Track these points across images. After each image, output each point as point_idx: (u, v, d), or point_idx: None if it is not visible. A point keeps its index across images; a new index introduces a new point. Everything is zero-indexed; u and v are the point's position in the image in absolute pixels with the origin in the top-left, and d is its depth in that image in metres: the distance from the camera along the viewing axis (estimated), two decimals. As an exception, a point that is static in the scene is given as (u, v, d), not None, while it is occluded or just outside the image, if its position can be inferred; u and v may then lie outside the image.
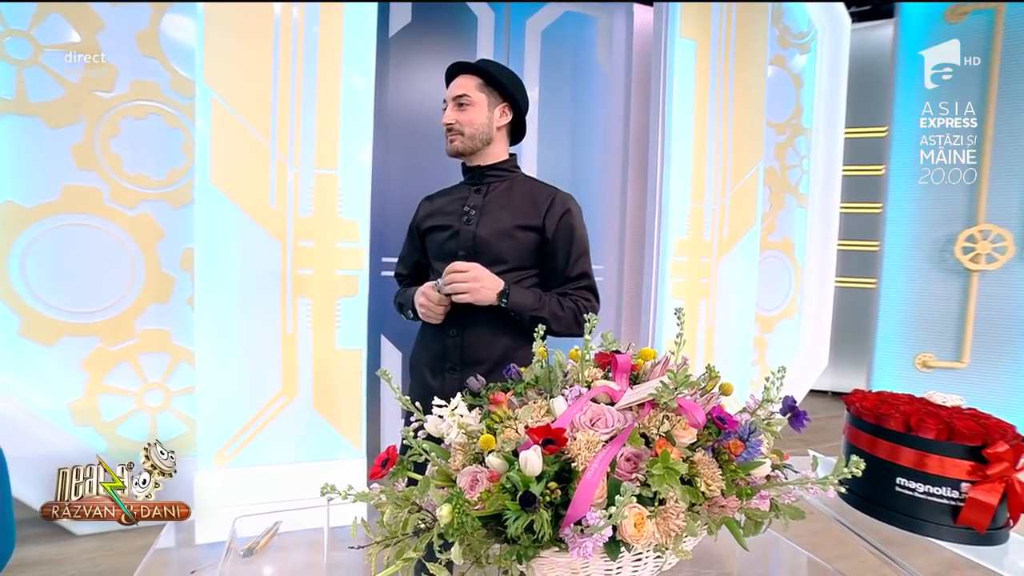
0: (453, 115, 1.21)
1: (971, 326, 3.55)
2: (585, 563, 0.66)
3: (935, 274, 3.63)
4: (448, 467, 0.71)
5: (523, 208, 1.20)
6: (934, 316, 3.65)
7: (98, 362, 2.10)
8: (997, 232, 3.47)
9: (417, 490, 0.61)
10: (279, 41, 1.95)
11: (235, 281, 1.95)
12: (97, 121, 2.04)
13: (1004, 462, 0.88)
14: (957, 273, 3.58)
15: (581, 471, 0.62)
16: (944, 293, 3.62)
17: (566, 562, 0.65)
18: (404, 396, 0.80)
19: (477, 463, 0.70)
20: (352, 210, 2.09)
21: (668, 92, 2.61)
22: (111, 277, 2.10)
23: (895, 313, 3.75)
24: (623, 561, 0.68)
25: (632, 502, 0.60)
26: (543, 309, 1.14)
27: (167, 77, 2.10)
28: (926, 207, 3.66)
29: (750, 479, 0.71)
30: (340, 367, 2.10)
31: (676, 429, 0.70)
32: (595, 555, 0.59)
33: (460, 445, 0.72)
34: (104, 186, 2.06)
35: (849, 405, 1.11)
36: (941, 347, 3.64)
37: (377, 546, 0.63)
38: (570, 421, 0.70)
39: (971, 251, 3.51)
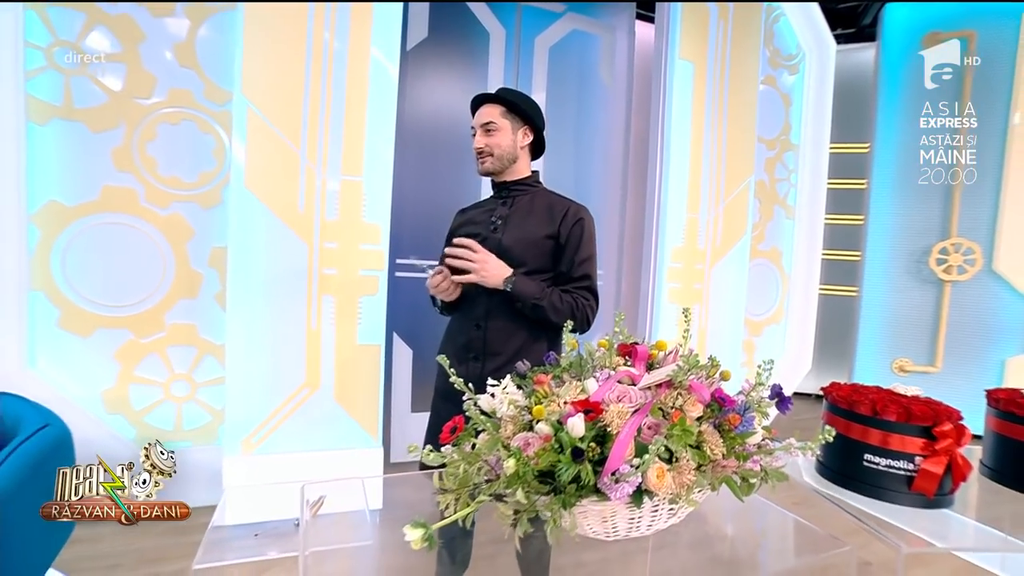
0: (483, 140, 1.36)
1: (944, 333, 3.79)
2: (614, 510, 0.82)
3: (912, 284, 3.87)
4: (500, 435, 0.86)
5: (543, 218, 1.36)
6: (910, 323, 3.88)
7: (129, 353, 2.22)
8: (968, 245, 3.71)
9: (484, 448, 0.76)
10: (311, 56, 2.10)
11: (264, 279, 2.08)
12: (136, 126, 2.17)
13: (948, 439, 1.06)
14: (931, 283, 3.82)
15: (615, 434, 0.78)
16: (920, 302, 3.86)
17: (599, 509, 0.81)
18: (458, 379, 0.96)
19: (525, 431, 0.85)
20: (374, 214, 2.23)
21: (668, 110, 2.80)
22: (143, 273, 2.22)
23: (875, 320, 3.98)
24: (644, 511, 0.84)
25: (655, 459, 0.76)
26: (544, 299, 1.28)
27: (201, 86, 2.23)
28: (904, 220, 3.90)
29: (745, 446, 0.87)
30: (360, 361, 2.24)
31: (687, 405, 0.86)
32: (625, 500, 0.75)
33: (510, 417, 0.88)
34: (140, 187, 2.19)
35: (827, 395, 1.29)
36: (917, 352, 3.87)
37: (448, 495, 0.78)
38: (602, 397, 0.86)
39: (944, 263, 3.75)
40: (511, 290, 1.27)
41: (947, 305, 3.78)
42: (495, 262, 1.27)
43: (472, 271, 1.26)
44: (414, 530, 0.68)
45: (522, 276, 1.29)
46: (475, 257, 1.26)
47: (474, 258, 1.26)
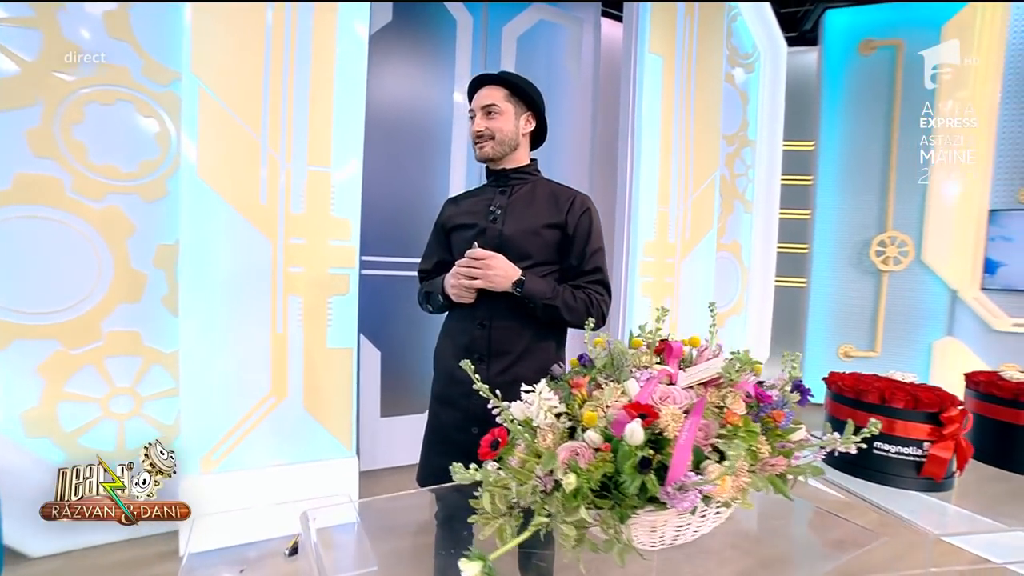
0: (483, 123, 1.27)
1: (882, 320, 4.09)
2: (665, 520, 0.77)
3: (854, 274, 4.15)
4: (538, 445, 0.79)
5: (547, 208, 1.29)
6: (853, 311, 4.16)
7: (57, 367, 1.94)
8: (902, 238, 4.02)
9: (542, 463, 0.69)
10: (271, 30, 1.90)
11: (223, 279, 1.88)
12: (57, 105, 1.88)
13: (955, 424, 1.10)
14: (871, 273, 4.11)
15: (672, 439, 0.72)
16: (861, 291, 4.15)
17: (651, 520, 0.76)
18: (483, 385, 0.87)
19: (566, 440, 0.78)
20: (344, 208, 2.07)
21: (638, 103, 2.81)
22: (73, 275, 1.94)
23: (822, 309, 4.23)
24: (693, 517, 0.79)
25: (714, 463, 0.72)
26: (556, 299, 1.21)
27: (139, 62, 1.98)
28: (846, 214, 4.16)
29: (786, 443, 0.85)
30: (331, 366, 2.08)
31: (734, 403, 0.82)
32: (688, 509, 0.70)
33: (548, 426, 0.80)
34: (65, 176, 1.91)
35: (830, 384, 1.31)
36: (859, 339, 4.15)
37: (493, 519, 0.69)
38: (646, 399, 0.80)
39: (882, 254, 4.04)
40: (520, 293, 1.19)
41: (885, 294, 4.08)
42: (502, 266, 1.19)
43: (479, 277, 1.18)
44: (471, 564, 0.59)
45: (531, 276, 1.21)
46: (480, 264, 1.18)
47: (479, 264, 1.18)
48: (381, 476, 2.71)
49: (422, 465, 1.34)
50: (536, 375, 1.27)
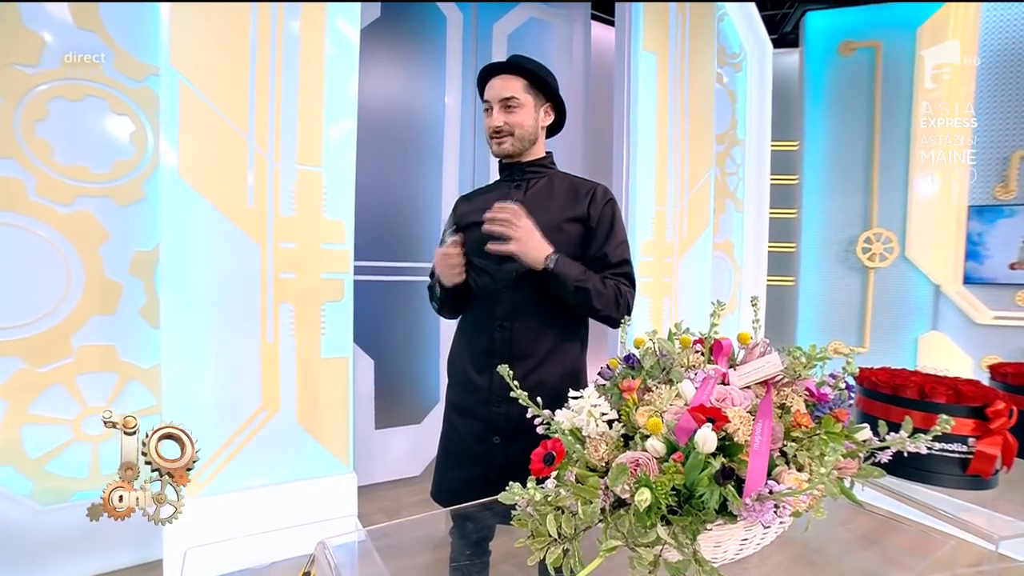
0: (502, 117, 1.19)
1: (870, 315, 4.14)
2: (732, 533, 0.70)
3: (841, 271, 4.19)
4: (591, 457, 0.71)
5: (567, 201, 1.21)
6: (841, 308, 4.20)
7: (21, 387, 1.77)
8: (886, 235, 4.08)
9: (610, 479, 0.60)
10: (256, 23, 1.79)
11: (208, 287, 1.75)
12: (17, 100, 1.73)
13: (1002, 418, 1.05)
14: (858, 270, 4.16)
15: (743, 444, 0.65)
16: (848, 288, 4.19)
17: (718, 534, 0.68)
18: (522, 393, 0.79)
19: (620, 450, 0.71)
20: (337, 209, 1.96)
21: (633, 101, 2.77)
22: (39, 286, 1.78)
23: (811, 307, 4.27)
24: (756, 528, 0.72)
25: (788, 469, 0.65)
26: (587, 281, 1.11)
27: (110, 55, 1.84)
28: (832, 212, 4.22)
29: (854, 443, 0.78)
30: (326, 377, 1.96)
31: (795, 403, 0.76)
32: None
33: (600, 435, 0.72)
34: (28, 177, 1.75)
35: (861, 380, 1.26)
36: (848, 335, 4.19)
37: (555, 545, 0.61)
38: (705, 401, 0.73)
39: (868, 251, 4.09)
40: (552, 268, 1.09)
41: (872, 290, 4.13)
42: (538, 236, 1.10)
43: (513, 239, 1.08)
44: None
45: (563, 256, 1.12)
46: (520, 223, 1.08)
47: (519, 224, 1.08)
48: (378, 490, 2.58)
49: (437, 479, 1.24)
50: (561, 380, 1.19)
